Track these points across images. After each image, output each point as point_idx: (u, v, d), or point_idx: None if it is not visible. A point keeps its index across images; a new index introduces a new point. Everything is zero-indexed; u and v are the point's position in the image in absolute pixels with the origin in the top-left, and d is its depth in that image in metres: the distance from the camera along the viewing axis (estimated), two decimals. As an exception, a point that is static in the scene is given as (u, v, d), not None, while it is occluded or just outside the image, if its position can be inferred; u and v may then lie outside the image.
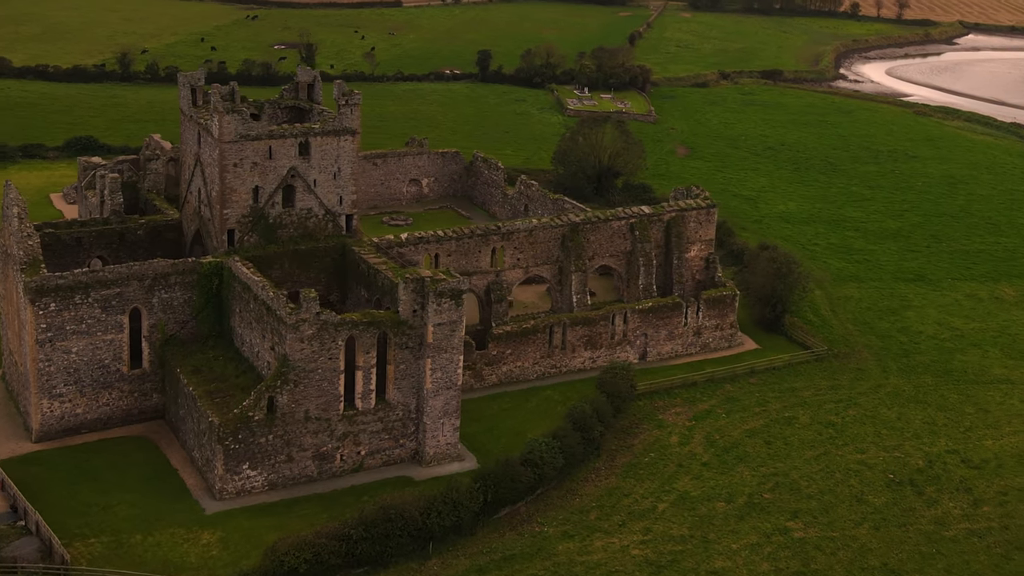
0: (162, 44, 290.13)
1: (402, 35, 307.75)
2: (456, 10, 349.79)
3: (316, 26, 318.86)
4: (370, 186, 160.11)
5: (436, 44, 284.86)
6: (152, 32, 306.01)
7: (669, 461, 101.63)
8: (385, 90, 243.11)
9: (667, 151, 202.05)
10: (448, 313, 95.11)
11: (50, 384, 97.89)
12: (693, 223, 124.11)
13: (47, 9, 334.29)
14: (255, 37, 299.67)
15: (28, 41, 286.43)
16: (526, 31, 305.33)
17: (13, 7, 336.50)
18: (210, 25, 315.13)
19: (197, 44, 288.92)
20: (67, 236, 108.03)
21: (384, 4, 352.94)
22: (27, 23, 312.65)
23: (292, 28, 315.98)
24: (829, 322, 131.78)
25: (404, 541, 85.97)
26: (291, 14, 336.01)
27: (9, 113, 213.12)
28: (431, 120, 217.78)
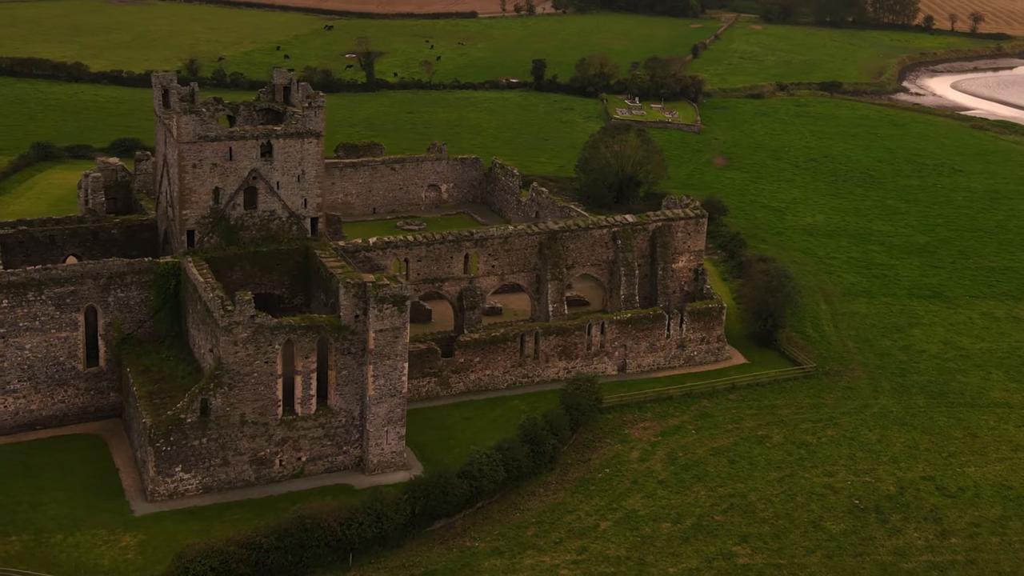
0: (240, 52, 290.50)
1: (471, 45, 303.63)
2: (529, 21, 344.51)
3: (391, 36, 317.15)
4: (388, 191, 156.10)
5: (502, 54, 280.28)
6: (233, 41, 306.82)
7: (624, 478, 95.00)
8: (440, 98, 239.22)
9: (704, 161, 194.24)
10: (391, 319, 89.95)
11: (3, 380, 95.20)
12: (681, 233, 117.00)
13: (140, 19, 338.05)
14: (329, 46, 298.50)
15: (116, 48, 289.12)
16: (594, 42, 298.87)
17: (109, 16, 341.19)
18: (289, 34, 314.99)
19: (272, 52, 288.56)
20: (40, 234, 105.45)
21: (460, 15, 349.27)
22: (118, 31, 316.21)
23: (367, 38, 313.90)
24: (828, 338, 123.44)
25: (322, 551, 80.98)
26: (368, 24, 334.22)
27: (76, 116, 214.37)
28: (475, 127, 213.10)
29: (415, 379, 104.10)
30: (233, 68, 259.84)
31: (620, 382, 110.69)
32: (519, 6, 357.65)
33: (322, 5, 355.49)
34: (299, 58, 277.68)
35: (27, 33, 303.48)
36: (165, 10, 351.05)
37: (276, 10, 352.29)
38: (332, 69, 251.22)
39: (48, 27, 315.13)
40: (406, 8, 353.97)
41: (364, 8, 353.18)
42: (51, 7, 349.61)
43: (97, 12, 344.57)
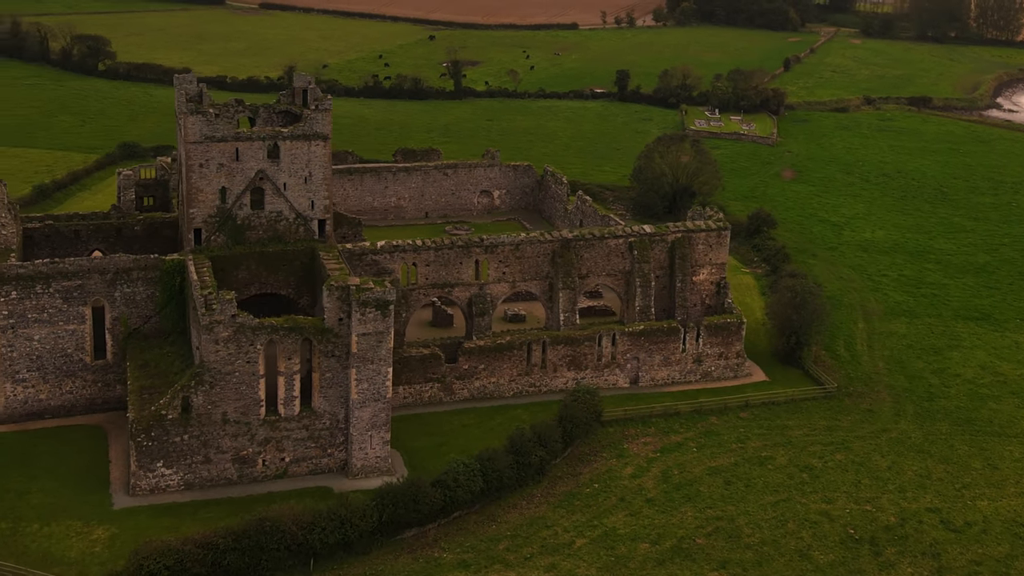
0: (344, 60, 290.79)
1: (566, 55, 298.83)
2: (628, 33, 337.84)
3: (490, 46, 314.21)
4: (441, 195, 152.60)
5: (595, 65, 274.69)
6: (340, 49, 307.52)
7: (611, 494, 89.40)
8: (523, 106, 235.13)
9: (772, 174, 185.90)
10: (374, 323, 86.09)
11: (13, 369, 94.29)
12: (702, 245, 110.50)
13: (258, 28, 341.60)
14: (430, 55, 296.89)
15: (230, 55, 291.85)
16: (689, 55, 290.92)
17: (231, 25, 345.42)
18: (394, 44, 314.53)
19: (374, 60, 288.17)
20: (66, 228, 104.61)
21: (560, 27, 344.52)
22: (236, 39, 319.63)
23: (469, 47, 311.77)
24: (859, 358, 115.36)
25: (282, 555, 77.56)
26: (470, 35, 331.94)
27: (172, 118, 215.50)
28: (550, 135, 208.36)
29: (417, 384, 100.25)
30: (335, 75, 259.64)
31: (631, 395, 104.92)
32: (619, 18, 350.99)
33: (431, 16, 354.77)
34: (398, 66, 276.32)
35: (153, 41, 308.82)
36: (283, 19, 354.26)
37: (387, 20, 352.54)
38: (422, 77, 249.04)
39: (173, 35, 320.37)
40: (509, 19, 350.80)
41: (469, 19, 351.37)
42: (179, 16, 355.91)
43: (221, 21, 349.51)
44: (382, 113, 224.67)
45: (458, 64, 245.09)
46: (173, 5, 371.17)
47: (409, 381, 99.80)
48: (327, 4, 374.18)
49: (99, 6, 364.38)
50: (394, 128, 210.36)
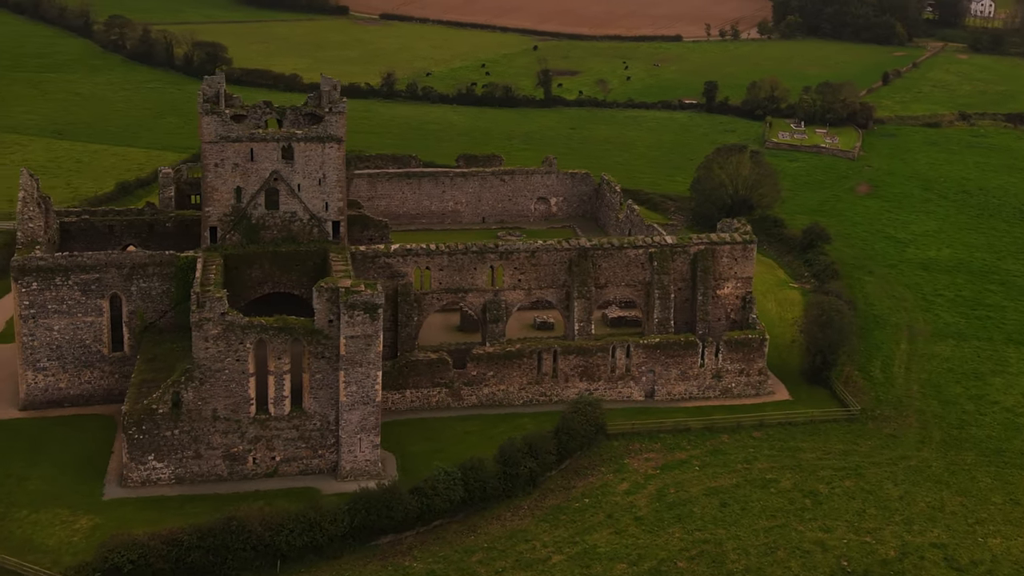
0: (448, 68, 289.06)
1: (665, 67, 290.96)
2: (731, 45, 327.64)
3: (591, 56, 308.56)
4: (498, 201, 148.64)
5: (692, 76, 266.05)
6: (447, 58, 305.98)
7: (600, 510, 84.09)
8: (610, 116, 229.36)
9: (846, 188, 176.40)
10: (362, 326, 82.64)
11: (34, 357, 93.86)
12: (727, 258, 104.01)
13: (375, 37, 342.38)
14: (531, 65, 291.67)
15: (342, 62, 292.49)
16: (790, 68, 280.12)
17: (349, 34, 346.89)
18: (499, 53, 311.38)
19: (477, 69, 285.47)
20: (101, 224, 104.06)
21: (665, 38, 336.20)
22: (352, 48, 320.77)
23: (571, 57, 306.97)
24: (894, 380, 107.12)
25: (248, 555, 74.70)
26: (574, 45, 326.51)
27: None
28: (628, 144, 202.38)
29: (425, 388, 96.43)
30: (437, 83, 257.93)
31: (644, 409, 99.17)
32: (723, 31, 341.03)
33: (540, 27, 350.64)
34: (500, 75, 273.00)
35: (275, 48, 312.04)
36: (399, 29, 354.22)
37: (496, 31, 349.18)
38: (515, 85, 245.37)
39: (294, 43, 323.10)
40: (615, 31, 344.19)
41: (576, 30, 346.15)
42: (304, 26, 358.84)
43: (340, 31, 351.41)
44: (469, 119, 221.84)
45: (548, 73, 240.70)
46: (300, 15, 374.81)
47: (416, 385, 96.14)
48: (442, 15, 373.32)
49: (233, 16, 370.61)
50: (476, 134, 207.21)
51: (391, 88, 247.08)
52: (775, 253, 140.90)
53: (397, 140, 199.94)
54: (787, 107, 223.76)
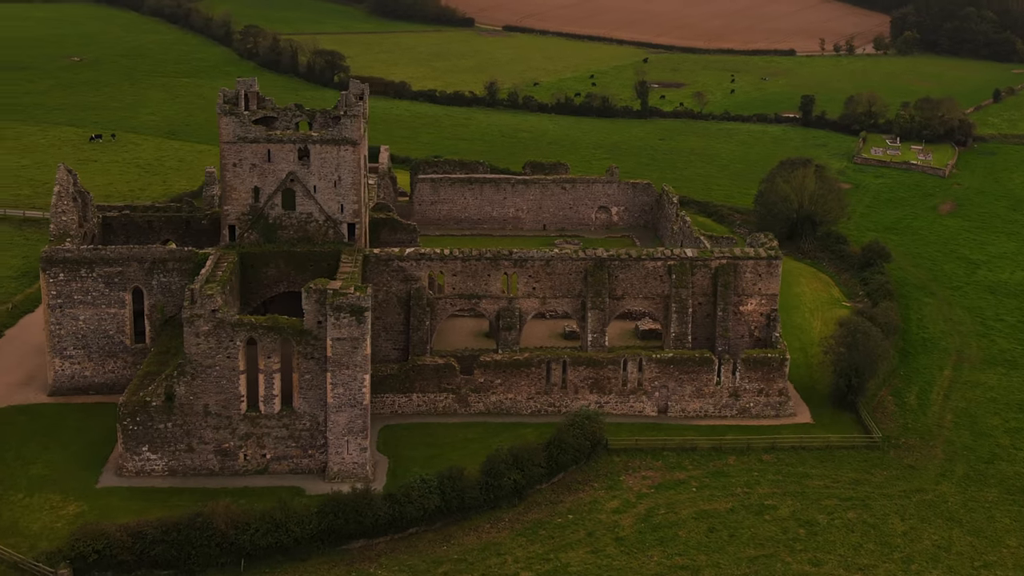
0: (557, 78, 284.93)
1: (773, 80, 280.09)
2: (844, 60, 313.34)
3: (701, 69, 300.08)
4: (559, 209, 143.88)
5: (800, 90, 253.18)
6: (558, 68, 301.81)
7: (582, 527, 78.78)
8: (703, 128, 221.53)
9: (928, 206, 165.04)
10: (348, 329, 79.35)
11: (61, 345, 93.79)
12: (750, 274, 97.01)
13: (494, 48, 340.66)
14: (638, 77, 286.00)
15: (456, 72, 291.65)
16: (901, 83, 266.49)
17: (471, 45, 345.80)
18: (610, 65, 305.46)
19: (584, 80, 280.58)
20: (141, 219, 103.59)
21: (778, 52, 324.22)
22: (469, 58, 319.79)
23: (680, 70, 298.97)
24: (928, 407, 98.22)
25: (213, 552, 72.16)
26: (685, 58, 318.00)
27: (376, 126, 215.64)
28: (712, 156, 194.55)
29: (431, 393, 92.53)
30: (542, 93, 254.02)
31: (655, 425, 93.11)
32: (838, 46, 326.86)
33: (656, 40, 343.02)
34: (606, 86, 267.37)
35: (397, 58, 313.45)
36: (519, 40, 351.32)
37: (613, 43, 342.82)
38: (611, 96, 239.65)
39: (417, 54, 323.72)
40: (729, 44, 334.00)
41: (690, 43, 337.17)
42: (429, 37, 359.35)
43: (463, 41, 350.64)
44: (563, 129, 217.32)
45: (645, 85, 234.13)
46: (428, 27, 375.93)
47: (423, 390, 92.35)
48: (562, 27, 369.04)
49: (367, 27, 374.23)
50: (565, 143, 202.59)
51: (494, 97, 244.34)
52: (834, 270, 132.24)
53: (486, 147, 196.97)
54: (885, 122, 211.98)
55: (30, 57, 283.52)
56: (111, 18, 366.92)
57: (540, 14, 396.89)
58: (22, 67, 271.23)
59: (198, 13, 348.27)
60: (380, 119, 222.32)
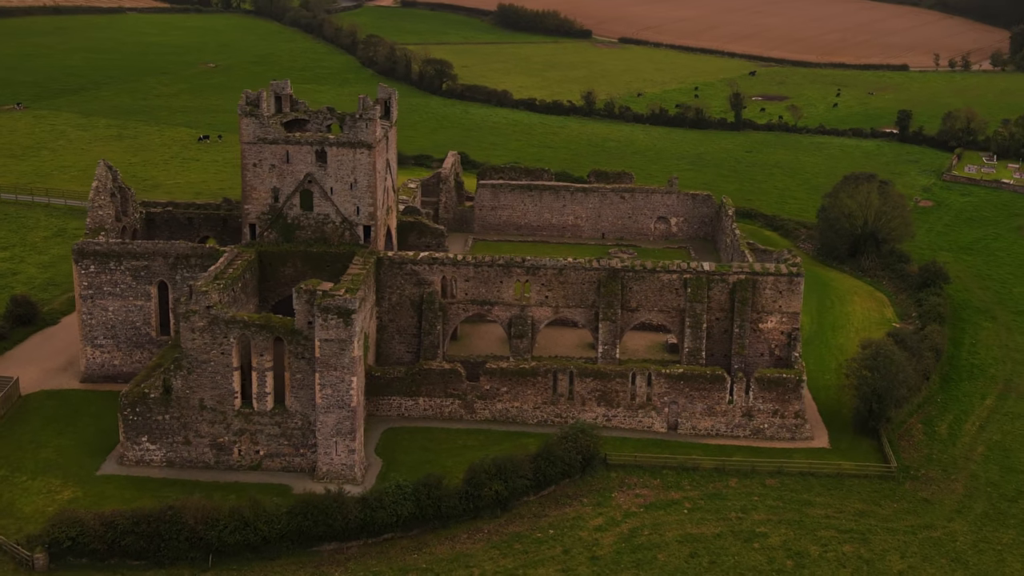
0: (661, 89, 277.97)
1: (880, 95, 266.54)
2: (957, 77, 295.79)
3: (808, 83, 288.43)
4: (617, 218, 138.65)
5: (907, 105, 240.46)
6: (665, 80, 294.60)
7: (559, 544, 74.09)
8: (795, 141, 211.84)
9: (1011, 227, 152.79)
10: (336, 330, 76.63)
11: (92, 334, 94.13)
12: (770, 291, 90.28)
13: (606, 59, 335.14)
14: (747, 89, 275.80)
15: (564, 82, 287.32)
16: (1014, 100, 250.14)
17: (584, 56, 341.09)
18: (716, 77, 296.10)
19: (688, 91, 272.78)
20: (182, 215, 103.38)
21: (890, 67, 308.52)
22: (580, 68, 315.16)
23: (787, 83, 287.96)
24: (959, 438, 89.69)
25: (182, 546, 70.41)
26: (793, 72, 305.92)
27: (462, 132, 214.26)
28: (797, 169, 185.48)
29: (438, 398, 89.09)
30: (642, 104, 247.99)
31: (662, 441, 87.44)
32: (953, 62, 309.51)
33: (768, 54, 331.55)
34: (710, 98, 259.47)
35: (511, 68, 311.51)
36: (633, 52, 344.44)
37: (724, 56, 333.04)
38: (711, 108, 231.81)
39: (531, 64, 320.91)
40: (841, 59, 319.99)
41: (802, 57, 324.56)
42: (545, 48, 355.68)
43: (577, 53, 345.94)
44: (652, 139, 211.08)
45: (739, 97, 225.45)
46: (546, 38, 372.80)
47: (429, 394, 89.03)
48: (676, 40, 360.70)
49: (488, 38, 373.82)
50: (650, 153, 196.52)
51: (591, 107, 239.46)
52: (892, 290, 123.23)
53: (570, 155, 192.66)
54: (984, 139, 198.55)
55: (170, 63, 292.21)
56: (253, 28, 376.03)
57: (657, 27, 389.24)
58: (161, 72, 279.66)
59: (330, 23, 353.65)
60: (476, 126, 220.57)
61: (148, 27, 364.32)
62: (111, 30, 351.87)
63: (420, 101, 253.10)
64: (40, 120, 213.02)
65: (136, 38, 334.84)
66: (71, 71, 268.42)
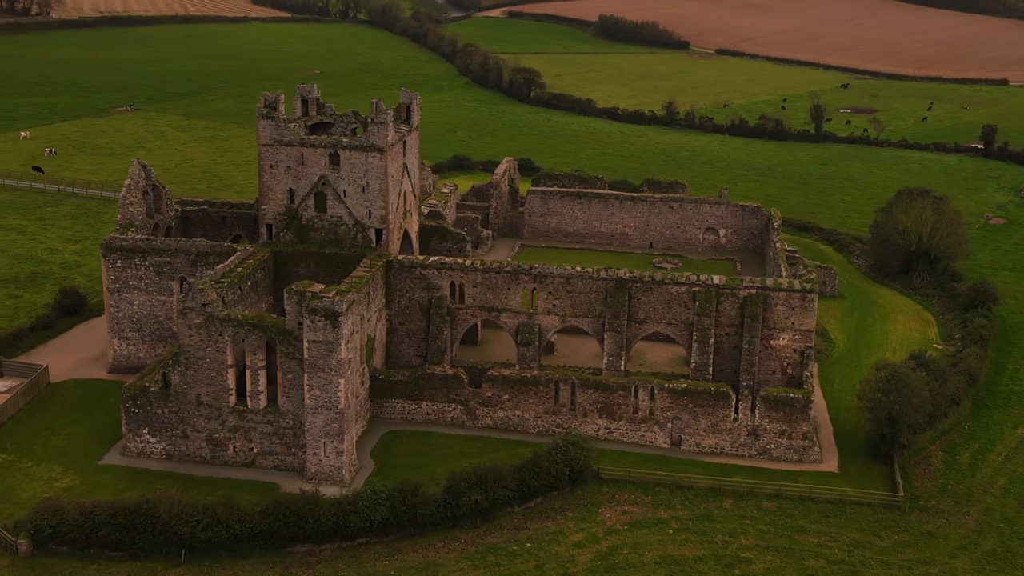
0: (749, 101, 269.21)
1: (973, 110, 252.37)
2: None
3: (901, 96, 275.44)
4: (665, 228, 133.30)
5: (998, 120, 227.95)
6: (755, 91, 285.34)
7: (533, 558, 70.21)
8: (874, 154, 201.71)
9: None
10: (323, 332, 74.34)
11: (119, 327, 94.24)
12: (782, 307, 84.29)
13: (700, 69, 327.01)
14: (834, 102, 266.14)
15: (653, 92, 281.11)
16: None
17: (678, 67, 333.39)
18: (807, 89, 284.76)
19: (775, 103, 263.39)
20: (215, 214, 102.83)
21: (989, 82, 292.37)
22: (672, 79, 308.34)
23: (879, 96, 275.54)
24: (980, 468, 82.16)
25: (157, 540, 69.03)
26: (888, 84, 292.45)
27: (541, 139, 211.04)
28: (869, 183, 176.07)
29: (440, 403, 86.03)
30: (725, 115, 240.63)
31: (662, 457, 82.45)
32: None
33: (865, 66, 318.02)
34: (797, 109, 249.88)
35: (603, 77, 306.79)
36: (727, 64, 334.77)
37: (819, 68, 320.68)
38: (786, 119, 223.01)
39: (624, 74, 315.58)
40: (939, 72, 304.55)
41: (900, 71, 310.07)
42: (640, 59, 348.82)
43: (673, 63, 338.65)
44: (729, 150, 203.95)
45: (820, 109, 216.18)
46: (643, 49, 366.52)
47: (432, 399, 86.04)
48: (773, 52, 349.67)
49: (587, 48, 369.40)
50: (720, 164, 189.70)
51: (672, 117, 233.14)
52: (941, 310, 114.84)
53: (639, 163, 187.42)
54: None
55: (279, 69, 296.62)
56: (364, 37, 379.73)
57: (756, 39, 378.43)
58: (267, 78, 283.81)
59: (434, 33, 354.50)
60: (555, 133, 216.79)
61: (267, 36, 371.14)
62: (232, 38, 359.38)
63: (506, 108, 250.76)
64: (147, 121, 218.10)
65: (253, 46, 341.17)
66: (187, 76, 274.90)
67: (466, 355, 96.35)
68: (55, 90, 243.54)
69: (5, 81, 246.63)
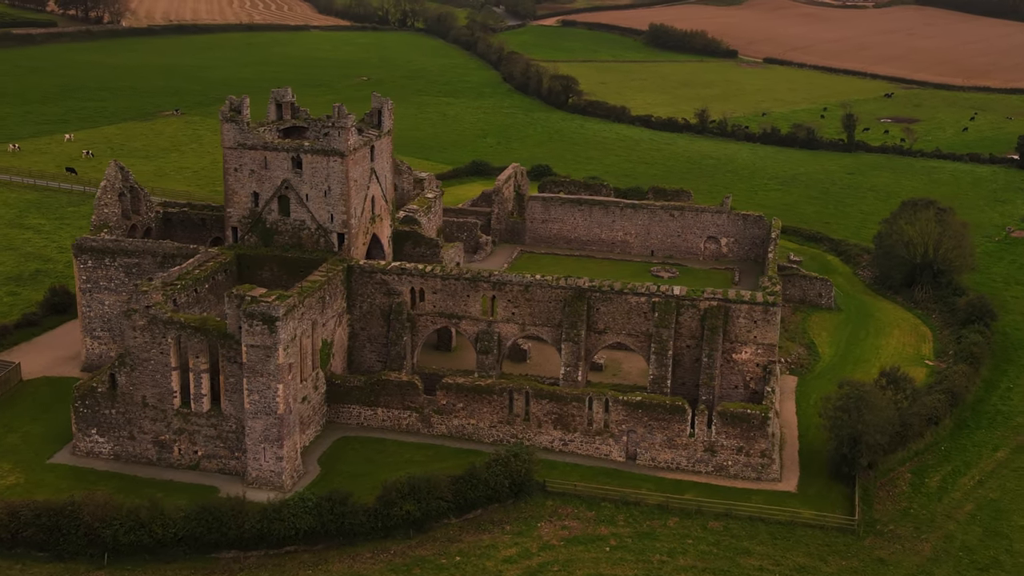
0: (789, 109, 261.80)
1: (1019, 120, 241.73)
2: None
3: (945, 106, 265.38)
4: (667, 236, 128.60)
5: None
6: (796, 100, 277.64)
7: (459, 572, 66.90)
8: (906, 164, 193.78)
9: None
10: (261, 336, 71.97)
11: (91, 327, 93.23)
12: (744, 319, 79.56)
13: (744, 78, 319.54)
14: (876, 111, 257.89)
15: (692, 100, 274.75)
16: None
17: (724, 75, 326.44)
18: (850, 98, 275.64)
19: (815, 112, 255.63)
20: (196, 216, 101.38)
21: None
22: (715, 87, 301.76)
23: (923, 106, 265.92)
24: (947, 493, 76.43)
25: (81, 542, 67.21)
26: (933, 94, 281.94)
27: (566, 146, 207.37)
28: (893, 193, 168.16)
29: (395, 409, 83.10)
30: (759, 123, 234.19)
31: (615, 471, 78.32)
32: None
33: (912, 76, 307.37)
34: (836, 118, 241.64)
35: (647, 85, 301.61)
36: (773, 72, 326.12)
37: (866, 77, 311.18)
38: (819, 127, 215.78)
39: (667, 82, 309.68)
40: (988, 83, 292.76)
41: (948, 80, 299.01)
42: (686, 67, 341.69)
43: (718, 72, 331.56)
44: (757, 158, 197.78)
45: (852, 118, 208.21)
46: (691, 57, 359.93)
47: (387, 405, 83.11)
48: (820, 61, 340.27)
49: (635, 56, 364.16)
50: (743, 172, 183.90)
51: (704, 125, 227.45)
52: (939, 325, 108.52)
53: (663, 171, 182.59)
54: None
55: (331, 76, 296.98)
56: (418, 44, 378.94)
57: (804, 47, 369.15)
58: (317, 84, 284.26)
59: (483, 41, 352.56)
60: (584, 140, 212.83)
61: (325, 43, 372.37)
62: (291, 46, 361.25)
63: (542, 115, 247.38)
64: (188, 125, 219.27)
65: (310, 53, 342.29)
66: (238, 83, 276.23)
67: (439, 361, 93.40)
68: (111, 95, 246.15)
69: (65, 86, 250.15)
